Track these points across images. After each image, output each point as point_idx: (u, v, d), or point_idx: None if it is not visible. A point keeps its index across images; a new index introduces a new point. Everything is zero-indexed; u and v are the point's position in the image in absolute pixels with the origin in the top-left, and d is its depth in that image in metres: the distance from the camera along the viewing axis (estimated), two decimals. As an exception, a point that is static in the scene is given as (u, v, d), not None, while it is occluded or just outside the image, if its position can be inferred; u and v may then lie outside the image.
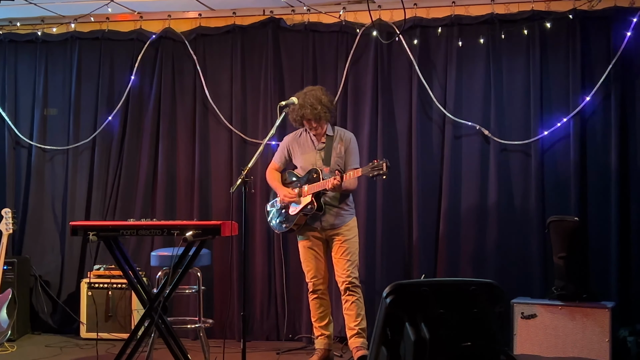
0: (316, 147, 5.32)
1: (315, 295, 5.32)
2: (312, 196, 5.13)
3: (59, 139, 6.64)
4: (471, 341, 3.03)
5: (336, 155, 5.25)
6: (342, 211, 5.26)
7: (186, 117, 6.46)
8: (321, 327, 5.35)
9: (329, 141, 5.28)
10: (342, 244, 5.23)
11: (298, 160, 5.38)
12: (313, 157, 5.30)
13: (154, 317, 4.55)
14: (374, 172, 4.84)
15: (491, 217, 5.83)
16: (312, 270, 5.30)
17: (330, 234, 5.26)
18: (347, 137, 5.34)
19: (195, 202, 6.37)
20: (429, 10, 6.04)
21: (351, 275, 5.19)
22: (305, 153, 5.34)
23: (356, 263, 5.26)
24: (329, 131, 5.32)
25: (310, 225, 5.27)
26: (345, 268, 5.19)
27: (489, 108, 5.89)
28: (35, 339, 6.30)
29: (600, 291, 5.37)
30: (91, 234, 4.46)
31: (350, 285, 5.20)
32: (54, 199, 6.63)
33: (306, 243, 5.31)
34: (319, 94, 5.21)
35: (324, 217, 5.21)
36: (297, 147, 5.39)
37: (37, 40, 6.66)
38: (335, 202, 5.23)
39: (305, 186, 5.18)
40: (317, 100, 5.17)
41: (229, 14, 6.37)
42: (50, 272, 6.57)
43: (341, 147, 5.27)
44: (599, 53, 5.71)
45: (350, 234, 5.27)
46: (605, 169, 5.65)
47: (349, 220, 5.29)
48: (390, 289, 3.05)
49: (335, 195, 5.21)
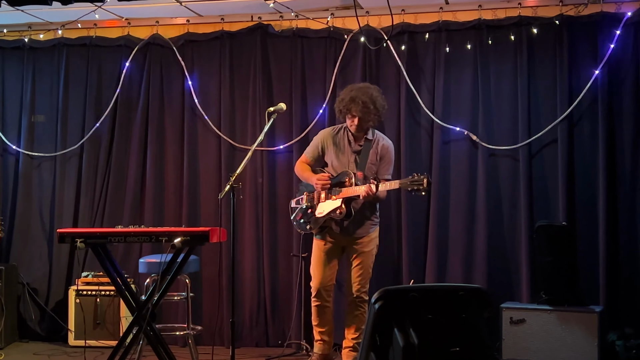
0: (352, 148, 5.09)
1: (318, 302, 5.15)
2: (343, 201, 4.92)
3: (46, 145, 6.61)
4: (460, 346, 3.04)
5: (371, 162, 5.04)
6: (368, 221, 5.09)
7: (174, 123, 6.45)
8: (321, 333, 5.21)
9: (366, 145, 5.05)
10: (359, 255, 5.08)
11: (331, 158, 5.16)
12: (347, 159, 5.08)
13: (142, 324, 4.54)
14: (413, 186, 4.56)
15: (479, 222, 5.84)
16: (319, 274, 5.11)
17: (350, 241, 5.09)
18: (386, 144, 5.12)
19: (183, 209, 6.35)
20: (416, 16, 6.06)
21: (361, 290, 5.07)
22: (339, 152, 5.11)
23: (368, 277, 5.12)
24: (369, 135, 5.10)
25: (334, 231, 5.07)
26: (357, 282, 5.07)
27: (477, 113, 5.91)
28: (23, 347, 6.26)
29: (588, 295, 5.39)
30: (79, 241, 4.46)
31: (357, 300, 5.08)
32: (42, 206, 6.60)
33: (322, 245, 5.11)
34: (374, 94, 5.00)
35: (349, 225, 5.03)
36: (331, 145, 5.16)
37: (24, 47, 6.64)
38: (364, 211, 5.05)
39: (336, 188, 4.97)
40: (371, 100, 4.96)
41: (217, 20, 6.37)
42: (38, 280, 6.53)
43: (377, 153, 5.07)
44: (585, 58, 5.74)
45: (370, 245, 5.12)
46: (592, 174, 5.67)
47: (372, 232, 5.14)
48: (378, 294, 3.06)
49: (364, 203, 5.00)
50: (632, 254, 5.57)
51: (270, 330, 6.20)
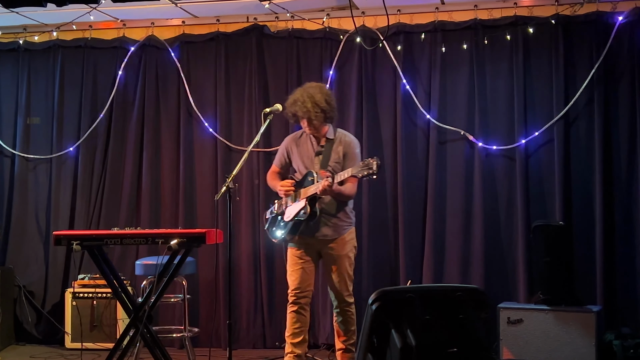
0: (315, 150, 4.94)
1: (294, 307, 4.90)
2: (306, 200, 4.73)
3: (42, 148, 6.59)
4: (457, 347, 3.04)
5: (334, 160, 4.85)
6: (340, 222, 4.85)
7: (170, 124, 6.44)
8: (293, 345, 4.90)
9: (328, 144, 4.89)
10: (335, 262, 4.85)
11: (297, 163, 5.02)
12: (311, 161, 4.92)
13: (139, 327, 4.52)
14: (364, 171, 4.35)
15: (476, 222, 5.84)
16: (296, 282, 4.89)
17: (323, 245, 4.86)
18: (348, 140, 4.93)
19: (180, 210, 6.34)
20: (412, 16, 6.06)
21: (343, 295, 4.84)
22: (302, 155, 4.97)
23: (349, 280, 4.87)
24: (329, 134, 4.93)
25: (303, 234, 4.84)
26: (337, 289, 4.85)
27: (473, 113, 5.91)
28: (20, 350, 6.24)
29: (585, 295, 5.40)
30: (75, 244, 4.44)
31: (343, 306, 4.87)
32: (38, 208, 6.58)
33: (295, 252, 4.91)
34: (313, 92, 4.83)
35: (318, 227, 4.81)
36: (295, 149, 5.02)
37: (19, 49, 6.62)
38: (332, 211, 4.82)
39: (301, 190, 4.85)
40: (310, 98, 4.79)
41: (213, 21, 6.36)
42: (34, 282, 6.51)
43: (340, 151, 4.88)
44: (581, 58, 5.75)
45: (345, 249, 4.86)
46: (589, 173, 5.67)
47: (345, 233, 4.87)
48: (375, 295, 3.05)
49: (332, 203, 4.81)
50: (628, 253, 5.57)
51: (267, 331, 6.19)
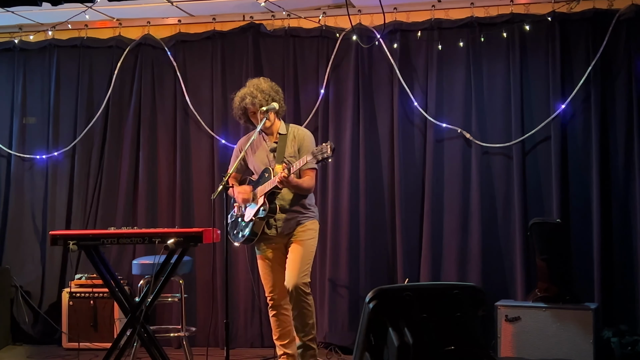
0: (269, 147, 4.87)
1: (274, 311, 4.88)
2: (265, 197, 4.68)
3: (38, 147, 6.58)
4: (454, 345, 3.03)
5: (289, 155, 4.79)
6: (300, 215, 4.79)
7: (167, 123, 6.43)
8: (283, 346, 4.89)
9: (281, 140, 4.84)
10: (293, 246, 4.74)
11: (252, 164, 4.95)
12: (266, 159, 4.86)
13: (136, 326, 4.52)
14: (319, 156, 4.30)
15: (474, 220, 5.83)
16: (269, 284, 4.86)
17: (287, 240, 4.81)
18: (301, 134, 4.89)
19: (177, 209, 6.33)
20: (408, 14, 6.05)
21: (298, 281, 4.63)
22: (256, 154, 4.92)
23: (306, 267, 4.70)
24: (282, 129, 4.89)
25: (266, 234, 4.79)
26: (290, 271, 4.67)
27: (470, 111, 5.91)
28: (17, 350, 6.23)
29: (583, 292, 5.39)
30: (71, 244, 4.43)
31: (295, 293, 4.63)
32: (34, 208, 6.56)
33: (262, 255, 4.89)
34: (257, 82, 4.85)
35: (279, 224, 4.76)
36: (249, 150, 4.93)
37: (15, 49, 6.60)
38: (290, 206, 4.77)
39: (257, 189, 4.78)
40: (256, 88, 4.79)
41: (209, 19, 6.35)
42: (31, 282, 6.49)
43: (295, 145, 4.84)
44: (578, 55, 5.74)
45: (306, 235, 4.77)
46: (586, 171, 5.67)
47: (306, 222, 4.81)
48: (373, 294, 3.05)
49: (290, 197, 4.77)
50: (626, 250, 5.57)
51: (264, 330, 6.18)
